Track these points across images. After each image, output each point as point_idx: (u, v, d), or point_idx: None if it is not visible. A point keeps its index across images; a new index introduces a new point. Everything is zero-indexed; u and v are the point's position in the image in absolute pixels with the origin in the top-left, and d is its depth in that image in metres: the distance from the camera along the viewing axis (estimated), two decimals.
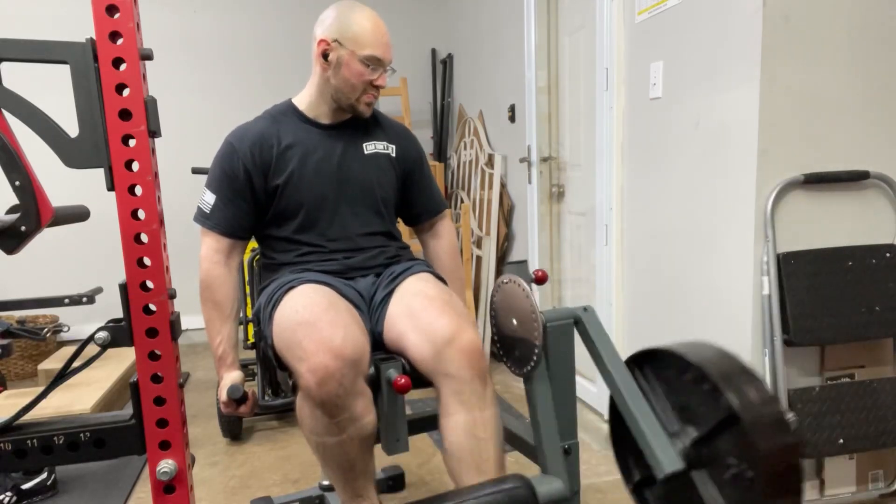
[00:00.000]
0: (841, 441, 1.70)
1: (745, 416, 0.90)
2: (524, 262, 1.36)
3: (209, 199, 1.52)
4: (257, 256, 2.61)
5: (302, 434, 1.35)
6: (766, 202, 1.68)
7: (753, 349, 1.73)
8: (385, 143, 1.63)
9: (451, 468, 1.30)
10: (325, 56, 1.49)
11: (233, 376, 1.47)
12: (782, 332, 1.69)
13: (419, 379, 1.34)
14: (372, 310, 1.49)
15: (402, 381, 1.26)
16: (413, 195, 1.71)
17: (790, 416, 1.23)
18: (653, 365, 1.11)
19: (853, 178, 1.72)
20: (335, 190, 1.54)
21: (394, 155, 1.64)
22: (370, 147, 1.60)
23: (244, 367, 2.82)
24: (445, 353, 1.28)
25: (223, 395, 1.41)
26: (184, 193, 3.58)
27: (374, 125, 1.65)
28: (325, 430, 1.27)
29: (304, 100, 1.59)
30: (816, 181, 1.70)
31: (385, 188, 1.62)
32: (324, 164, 1.54)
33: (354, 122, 1.60)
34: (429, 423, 1.59)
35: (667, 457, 1.01)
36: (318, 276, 1.46)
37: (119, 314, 0.95)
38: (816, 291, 1.70)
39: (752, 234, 1.71)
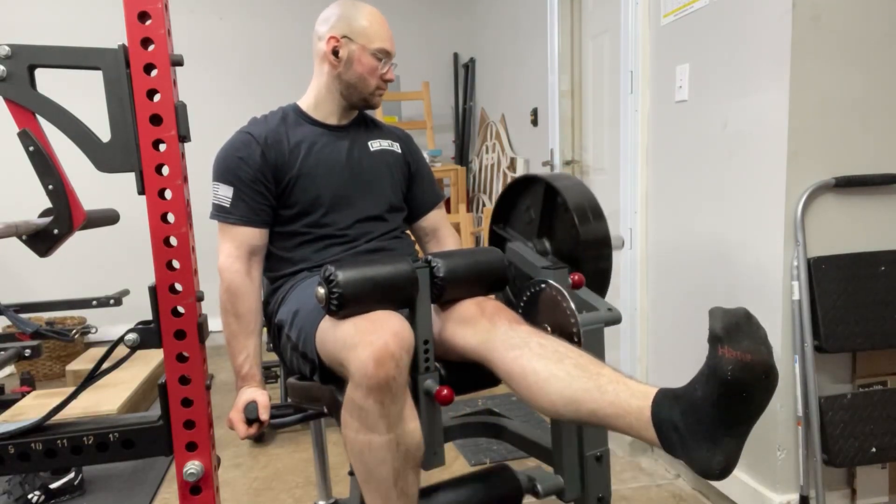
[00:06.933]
0: (873, 450, 1.67)
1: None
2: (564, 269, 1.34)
3: (225, 192, 1.45)
4: None
5: (343, 442, 1.21)
6: (797, 206, 1.65)
7: (783, 355, 1.70)
8: (389, 141, 1.66)
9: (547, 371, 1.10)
10: (335, 53, 1.50)
11: (257, 396, 1.40)
12: (813, 338, 1.66)
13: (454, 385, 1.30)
14: None
15: (445, 391, 1.17)
16: (416, 189, 1.71)
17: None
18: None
19: (885, 182, 1.68)
20: (346, 184, 1.54)
21: (399, 151, 1.66)
22: (375, 145, 1.62)
23: (266, 369, 2.83)
24: (484, 320, 1.25)
25: (239, 412, 1.37)
26: (207, 196, 3.62)
27: (373, 127, 1.67)
28: (374, 426, 1.14)
29: (308, 101, 1.58)
30: (848, 184, 1.66)
31: (395, 182, 1.63)
32: (333, 160, 1.54)
33: (356, 124, 1.62)
34: (456, 432, 1.58)
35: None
36: None
37: (144, 316, 0.95)
38: (848, 297, 1.67)
39: (781, 239, 1.68)
